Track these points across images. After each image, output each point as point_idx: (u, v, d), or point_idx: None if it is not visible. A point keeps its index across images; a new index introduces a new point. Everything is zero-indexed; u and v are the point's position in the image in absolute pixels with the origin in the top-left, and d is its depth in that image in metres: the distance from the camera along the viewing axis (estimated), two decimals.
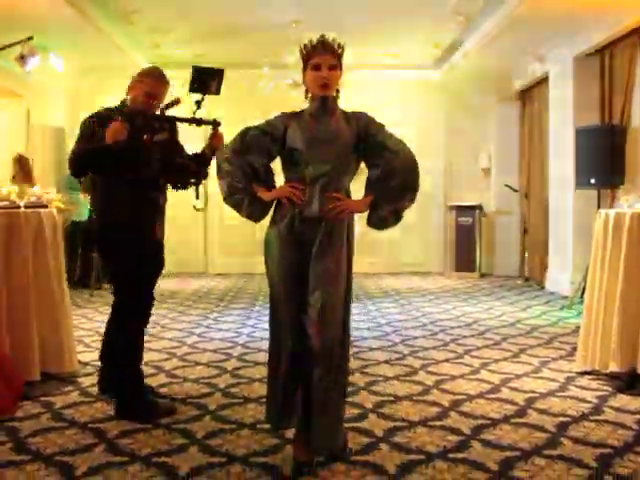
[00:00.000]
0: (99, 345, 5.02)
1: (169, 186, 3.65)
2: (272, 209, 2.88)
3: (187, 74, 3.56)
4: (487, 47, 8.02)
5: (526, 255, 9.43)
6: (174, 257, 10.64)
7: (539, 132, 9.12)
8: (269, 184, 2.86)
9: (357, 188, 2.92)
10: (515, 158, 10.15)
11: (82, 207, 8.48)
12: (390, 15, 7.39)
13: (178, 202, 5.00)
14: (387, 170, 2.80)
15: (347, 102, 2.88)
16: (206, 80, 3.48)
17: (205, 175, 3.70)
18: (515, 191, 9.75)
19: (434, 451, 2.89)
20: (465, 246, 9.90)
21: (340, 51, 2.85)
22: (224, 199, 2.86)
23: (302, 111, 2.90)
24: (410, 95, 10.41)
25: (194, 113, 3.49)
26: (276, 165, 2.91)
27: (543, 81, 8.76)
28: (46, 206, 4.11)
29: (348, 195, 2.88)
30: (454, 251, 10.02)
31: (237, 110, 8.94)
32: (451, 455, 2.85)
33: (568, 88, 7.72)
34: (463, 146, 10.57)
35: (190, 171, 3.62)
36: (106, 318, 3.38)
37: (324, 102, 2.84)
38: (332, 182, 2.77)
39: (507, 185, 9.67)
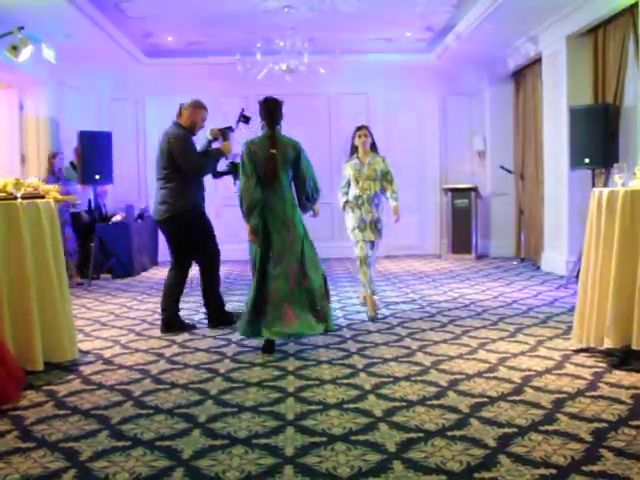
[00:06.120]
0: (99, 334, 5.13)
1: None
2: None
3: (179, 62, 3.69)
4: (480, 29, 8.00)
5: (522, 236, 9.48)
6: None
7: (533, 113, 9.13)
8: None
9: None
10: (510, 140, 10.16)
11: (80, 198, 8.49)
12: None
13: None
14: None
15: (340, 87, 2.91)
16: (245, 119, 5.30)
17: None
18: (510, 172, 9.78)
19: (433, 429, 2.94)
20: (461, 228, 9.94)
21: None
22: None
23: None
24: (404, 79, 10.39)
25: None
26: None
27: (536, 62, 8.76)
28: (43, 197, 4.13)
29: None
30: (450, 233, 10.07)
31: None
32: (449, 433, 2.90)
33: (561, 68, 7.73)
34: (458, 129, 10.59)
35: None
36: (105, 307, 3.48)
37: None
38: None
39: (502, 167, 9.69)
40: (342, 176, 5.93)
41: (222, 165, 5.43)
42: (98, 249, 8.22)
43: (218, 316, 5.38)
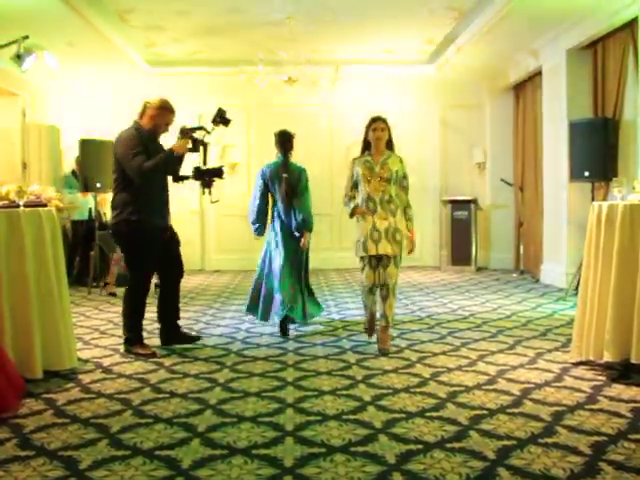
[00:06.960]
0: (98, 342, 5.14)
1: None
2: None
3: (182, 72, 3.74)
4: (481, 42, 8.06)
5: (521, 248, 9.50)
6: None
7: (533, 126, 9.17)
8: None
9: None
10: (510, 152, 10.20)
11: (81, 206, 8.50)
12: (384, 11, 7.42)
13: (175, 200, 5.05)
14: None
15: (341, 98, 2.92)
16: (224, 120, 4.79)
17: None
18: (510, 185, 9.81)
19: (432, 441, 2.94)
20: (461, 240, 9.95)
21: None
22: None
23: None
24: (404, 90, 10.45)
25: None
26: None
27: (537, 75, 8.81)
28: (45, 205, 4.14)
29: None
30: (450, 245, 10.07)
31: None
32: (449, 445, 2.90)
33: (561, 82, 7.78)
34: (458, 140, 10.63)
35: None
36: (105, 316, 3.54)
37: None
38: None
39: (502, 180, 9.72)
40: (349, 175, 4.96)
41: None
42: (98, 257, 8.21)
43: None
